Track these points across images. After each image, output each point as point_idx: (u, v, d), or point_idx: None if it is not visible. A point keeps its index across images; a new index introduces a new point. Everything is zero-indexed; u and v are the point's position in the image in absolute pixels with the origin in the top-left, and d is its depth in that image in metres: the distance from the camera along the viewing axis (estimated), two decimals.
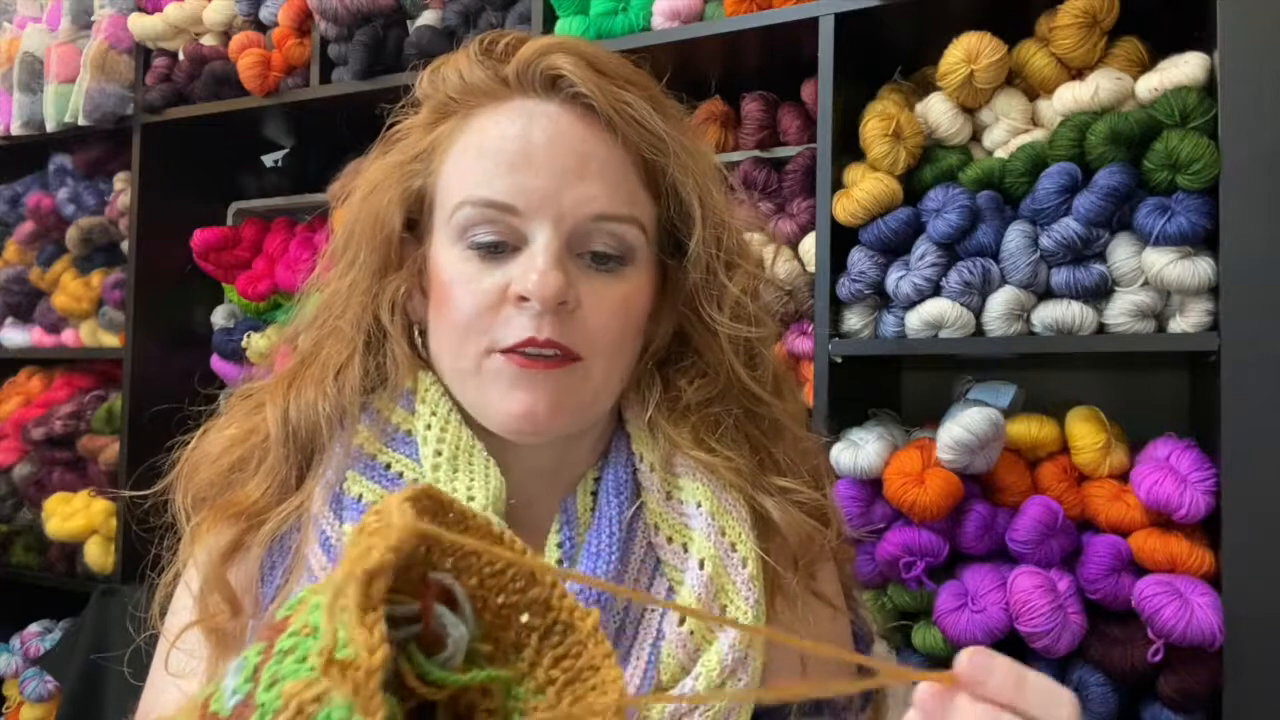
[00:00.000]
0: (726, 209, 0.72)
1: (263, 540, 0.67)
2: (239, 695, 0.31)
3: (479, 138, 0.67)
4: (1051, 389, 1.45)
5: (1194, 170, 1.17)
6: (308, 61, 1.85)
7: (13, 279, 2.19)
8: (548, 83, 0.67)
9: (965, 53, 1.31)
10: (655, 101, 0.69)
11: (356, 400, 0.69)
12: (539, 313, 0.63)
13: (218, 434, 0.72)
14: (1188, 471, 1.17)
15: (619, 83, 0.68)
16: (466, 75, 0.69)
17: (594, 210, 0.65)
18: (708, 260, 0.70)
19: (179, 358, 2.03)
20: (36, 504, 2.07)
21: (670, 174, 0.68)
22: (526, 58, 0.67)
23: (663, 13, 1.50)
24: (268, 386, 0.73)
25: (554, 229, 0.64)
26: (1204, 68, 1.21)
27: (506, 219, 0.65)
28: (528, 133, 0.65)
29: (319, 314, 0.73)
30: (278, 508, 0.68)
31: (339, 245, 0.73)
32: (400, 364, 0.70)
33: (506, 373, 0.64)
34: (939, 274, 1.31)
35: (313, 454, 0.70)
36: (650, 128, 0.67)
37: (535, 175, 0.64)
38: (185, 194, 2.05)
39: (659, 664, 0.65)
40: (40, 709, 1.98)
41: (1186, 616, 1.12)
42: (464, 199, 0.66)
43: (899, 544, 1.28)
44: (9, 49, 2.14)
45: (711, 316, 0.70)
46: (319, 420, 0.68)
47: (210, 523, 0.68)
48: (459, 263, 0.66)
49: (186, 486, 0.70)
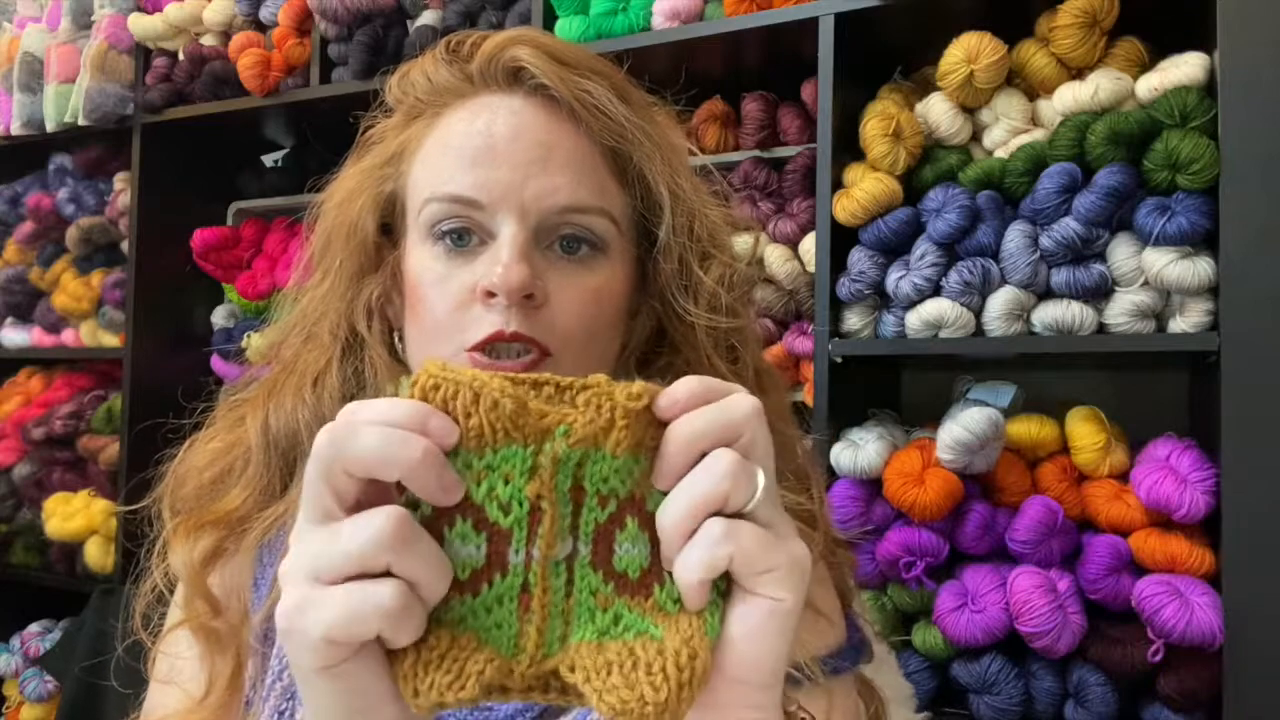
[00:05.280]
0: (699, 198, 0.71)
1: (250, 546, 0.67)
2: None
3: (444, 135, 0.67)
4: (1051, 389, 1.45)
5: (1194, 170, 1.17)
6: (308, 61, 1.85)
7: (13, 279, 2.19)
8: (510, 76, 0.67)
9: (965, 53, 1.31)
10: (620, 90, 0.68)
11: (336, 407, 0.69)
12: (506, 307, 0.62)
13: (203, 446, 0.72)
14: (1188, 471, 1.17)
15: (581, 72, 0.67)
16: (433, 76, 0.69)
17: (559, 202, 0.64)
18: (680, 251, 0.69)
19: (179, 358, 2.03)
20: (36, 504, 2.06)
21: (637, 162, 0.68)
22: (488, 53, 0.67)
23: (663, 13, 1.50)
24: (250, 397, 0.73)
25: (519, 221, 0.64)
26: (1204, 68, 1.21)
27: (471, 214, 0.64)
28: (490, 126, 0.65)
29: (297, 321, 0.73)
30: (261, 514, 0.67)
31: (316, 252, 0.73)
32: (379, 369, 0.69)
33: None
34: (939, 274, 1.31)
35: (295, 461, 0.69)
36: (613, 116, 0.66)
37: (498, 168, 0.64)
38: (185, 194, 2.05)
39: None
40: (40, 709, 1.98)
41: (1186, 616, 1.12)
42: (429, 195, 0.66)
43: (899, 544, 1.28)
44: (9, 49, 2.14)
45: (685, 309, 0.69)
46: (298, 428, 0.68)
47: (185, 532, 0.68)
48: (429, 261, 0.66)
49: (172, 500, 0.70)
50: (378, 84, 0.75)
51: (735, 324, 0.70)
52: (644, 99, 0.72)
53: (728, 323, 0.70)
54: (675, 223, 0.69)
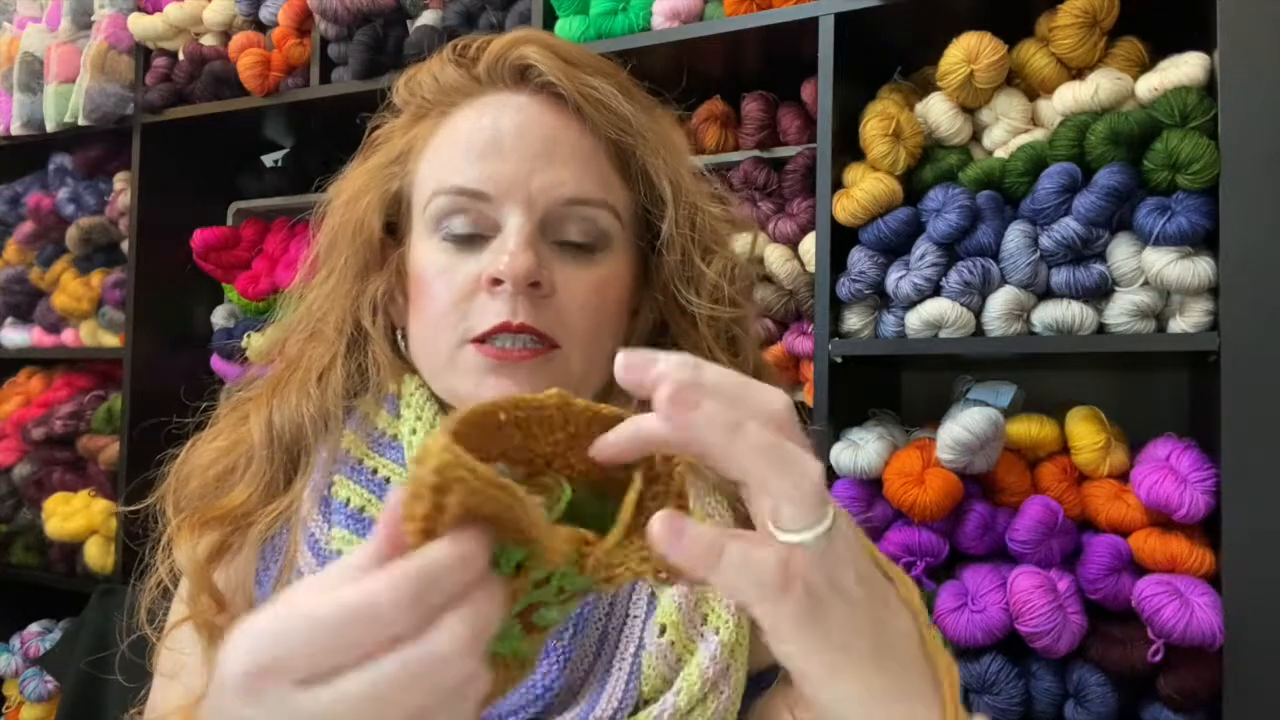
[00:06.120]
0: (700, 194, 0.72)
1: (253, 541, 0.68)
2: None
3: (451, 133, 0.68)
4: (1051, 389, 1.45)
5: (1194, 170, 1.17)
6: (308, 61, 1.85)
7: (13, 279, 2.19)
8: (517, 74, 0.68)
9: (965, 53, 1.31)
10: (624, 88, 0.70)
11: (340, 403, 0.69)
12: (512, 295, 0.63)
13: (206, 445, 0.72)
14: (1188, 471, 1.17)
15: (587, 70, 0.68)
16: (440, 77, 0.70)
17: (564, 194, 0.65)
18: (682, 244, 0.70)
19: (179, 358, 2.03)
20: (36, 504, 2.06)
21: (640, 157, 0.69)
22: (496, 52, 0.68)
23: (663, 13, 1.50)
24: (254, 395, 0.73)
25: (525, 213, 0.64)
26: (1204, 68, 1.21)
27: (478, 206, 0.65)
28: (497, 122, 0.66)
29: (302, 319, 0.74)
30: (264, 509, 0.68)
31: (322, 250, 0.74)
32: (382, 366, 0.70)
33: (480, 364, 0.64)
34: (939, 274, 1.31)
35: (299, 457, 0.70)
36: (618, 111, 0.68)
37: (504, 161, 0.65)
38: (185, 194, 2.05)
39: (640, 675, 0.64)
40: (40, 709, 1.98)
41: (1186, 616, 1.12)
42: (436, 189, 0.66)
43: (899, 544, 1.28)
44: (9, 49, 2.14)
45: (688, 300, 0.69)
46: (303, 423, 0.69)
47: (189, 528, 0.68)
48: (434, 254, 0.66)
49: (177, 498, 0.70)
50: (378, 84, 0.75)
51: (736, 314, 0.71)
52: (647, 98, 0.73)
53: (729, 313, 0.70)
54: (678, 215, 0.69)
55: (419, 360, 0.70)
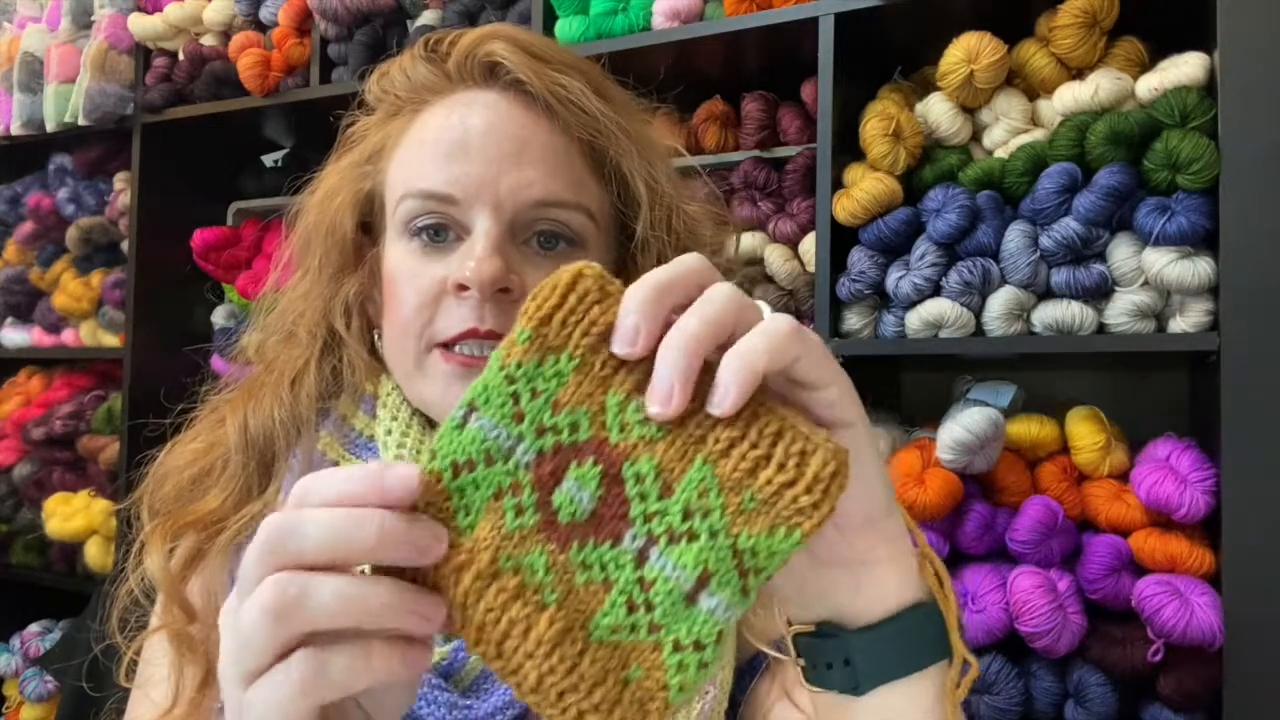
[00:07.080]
0: (678, 194, 0.71)
1: (222, 548, 0.66)
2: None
3: (420, 132, 0.67)
4: (1051, 389, 1.45)
5: (1194, 170, 1.17)
6: (308, 61, 1.85)
7: (13, 279, 2.19)
8: (486, 71, 0.67)
9: (965, 53, 1.31)
10: (597, 86, 0.68)
11: (314, 407, 0.69)
12: (479, 302, 0.62)
13: (184, 447, 0.71)
14: (1188, 471, 1.17)
15: (557, 67, 0.67)
16: (411, 74, 0.69)
17: (533, 196, 0.64)
18: (659, 246, 0.68)
19: (179, 358, 2.03)
20: (36, 504, 2.06)
21: (613, 158, 0.67)
22: (465, 48, 0.67)
23: (663, 13, 1.50)
24: (230, 398, 0.72)
25: (493, 216, 0.63)
26: (1204, 68, 1.21)
27: (446, 209, 0.64)
28: (465, 122, 0.65)
29: (276, 321, 0.73)
30: (236, 514, 0.67)
31: (296, 251, 0.73)
32: (358, 368, 0.69)
33: (446, 371, 0.63)
34: (939, 274, 1.31)
35: (273, 461, 0.69)
36: (589, 110, 0.66)
37: (472, 163, 0.64)
38: (185, 194, 2.05)
39: None
40: (40, 709, 1.98)
41: (1186, 616, 1.12)
42: (405, 192, 0.65)
43: None
44: (9, 49, 2.14)
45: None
46: (275, 428, 0.68)
47: (162, 534, 0.67)
48: (404, 257, 0.65)
49: (152, 500, 0.69)
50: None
51: None
52: (624, 96, 0.71)
53: None
54: (653, 217, 0.68)
55: (390, 363, 0.69)
